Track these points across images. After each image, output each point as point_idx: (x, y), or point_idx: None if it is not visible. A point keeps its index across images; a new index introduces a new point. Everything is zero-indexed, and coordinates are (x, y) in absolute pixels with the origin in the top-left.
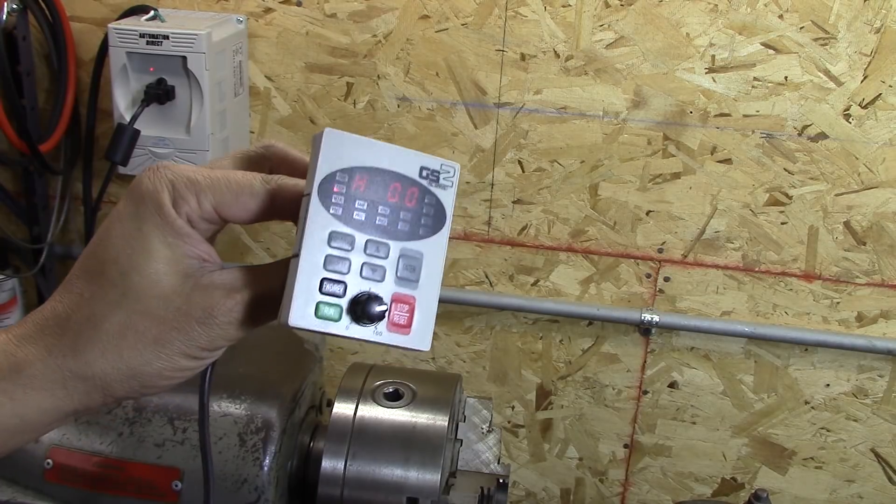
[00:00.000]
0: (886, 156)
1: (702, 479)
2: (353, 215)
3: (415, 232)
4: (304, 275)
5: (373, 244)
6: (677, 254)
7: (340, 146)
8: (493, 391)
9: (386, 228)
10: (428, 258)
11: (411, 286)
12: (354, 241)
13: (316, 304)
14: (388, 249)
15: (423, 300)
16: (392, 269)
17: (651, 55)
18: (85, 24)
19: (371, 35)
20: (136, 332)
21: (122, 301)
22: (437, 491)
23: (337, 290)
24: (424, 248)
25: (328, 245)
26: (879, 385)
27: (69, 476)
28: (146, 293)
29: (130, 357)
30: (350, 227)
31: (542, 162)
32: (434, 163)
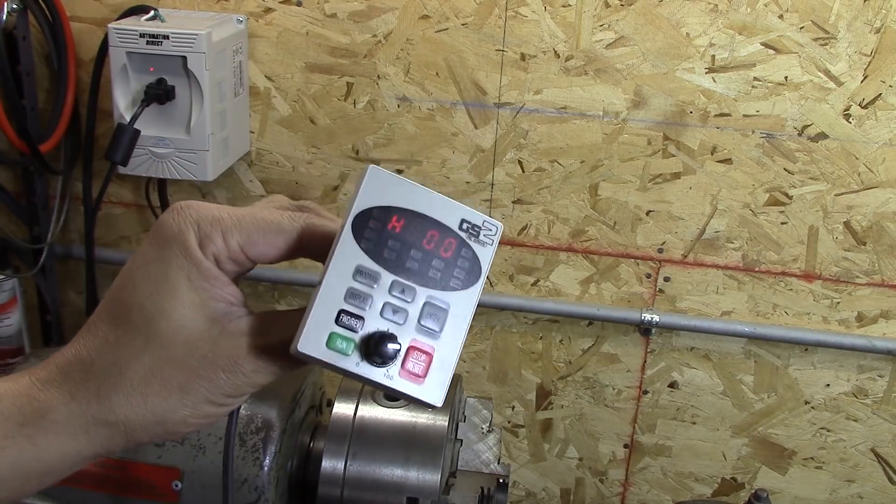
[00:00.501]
0: (886, 156)
1: (702, 479)
2: (383, 253)
3: (445, 282)
4: (322, 303)
5: (399, 285)
6: (677, 254)
7: (383, 184)
8: (493, 391)
9: (415, 272)
10: (455, 311)
11: (433, 336)
12: (380, 278)
13: (329, 335)
14: (415, 294)
15: (442, 353)
16: (415, 314)
17: (651, 55)
18: (85, 24)
19: (371, 35)
20: (161, 380)
21: (147, 347)
22: (437, 491)
23: (353, 325)
24: (452, 301)
25: (352, 278)
26: (879, 385)
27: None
28: (172, 340)
29: (155, 404)
30: (378, 264)
31: (542, 162)
32: (476, 218)
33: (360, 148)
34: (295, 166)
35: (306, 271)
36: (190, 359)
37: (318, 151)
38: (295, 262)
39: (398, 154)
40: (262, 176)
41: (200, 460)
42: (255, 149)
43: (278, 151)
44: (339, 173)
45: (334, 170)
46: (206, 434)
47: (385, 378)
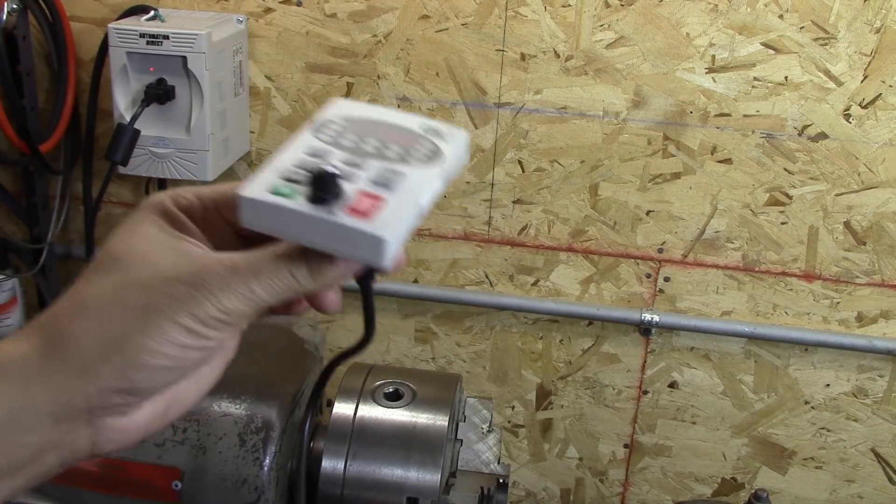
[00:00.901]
0: (886, 156)
1: (702, 479)
2: (340, 141)
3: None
4: (272, 169)
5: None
6: (677, 254)
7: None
8: (493, 391)
9: (370, 153)
10: (412, 181)
11: (383, 190)
12: (332, 153)
13: (273, 185)
14: (367, 164)
15: (395, 204)
16: (367, 175)
17: (651, 55)
18: (85, 24)
19: (371, 35)
20: (121, 303)
21: (109, 277)
22: (437, 491)
23: (300, 179)
24: (410, 172)
25: (302, 155)
26: (879, 385)
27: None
28: (135, 265)
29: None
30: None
31: (542, 162)
32: (439, 125)
33: None
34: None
35: None
36: (152, 278)
37: None
38: None
39: None
40: None
41: (200, 460)
42: (255, 149)
43: None
44: None
45: None
46: (207, 434)
47: (327, 214)
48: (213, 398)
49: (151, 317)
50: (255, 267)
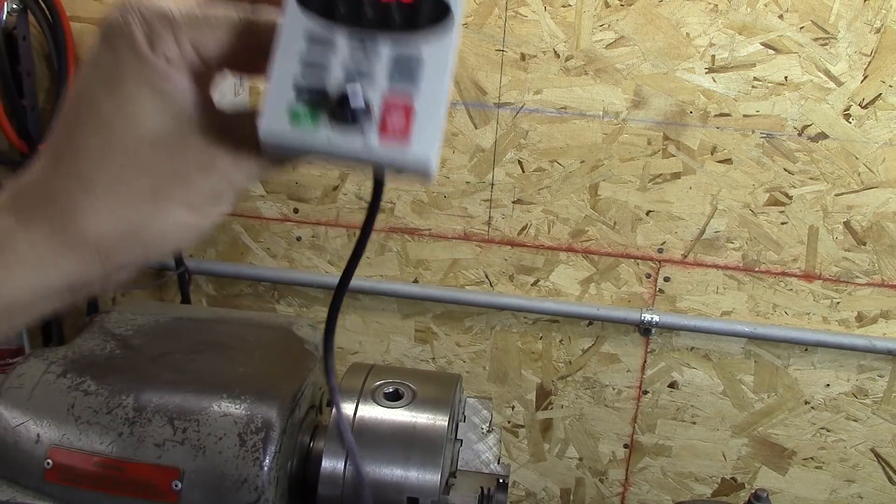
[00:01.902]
0: (886, 156)
1: (702, 479)
2: (333, 10)
3: (412, 24)
4: (277, 81)
5: (358, 38)
6: (677, 254)
7: None
8: (493, 391)
9: (374, 20)
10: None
11: (409, 88)
12: (336, 37)
13: (291, 112)
14: (377, 46)
15: (425, 105)
16: (383, 68)
17: (651, 55)
18: (85, 24)
19: None
20: (129, 185)
21: (108, 151)
22: (437, 491)
23: (315, 95)
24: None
25: (304, 47)
26: (879, 385)
27: (69, 476)
28: (135, 141)
29: (126, 213)
30: (330, 23)
31: (542, 162)
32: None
33: None
34: (294, 166)
35: (307, 272)
36: (158, 159)
37: None
38: (295, 262)
39: None
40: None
41: (200, 460)
42: None
43: None
44: (339, 173)
45: (334, 170)
46: (207, 434)
47: (364, 149)
48: (213, 398)
49: (163, 202)
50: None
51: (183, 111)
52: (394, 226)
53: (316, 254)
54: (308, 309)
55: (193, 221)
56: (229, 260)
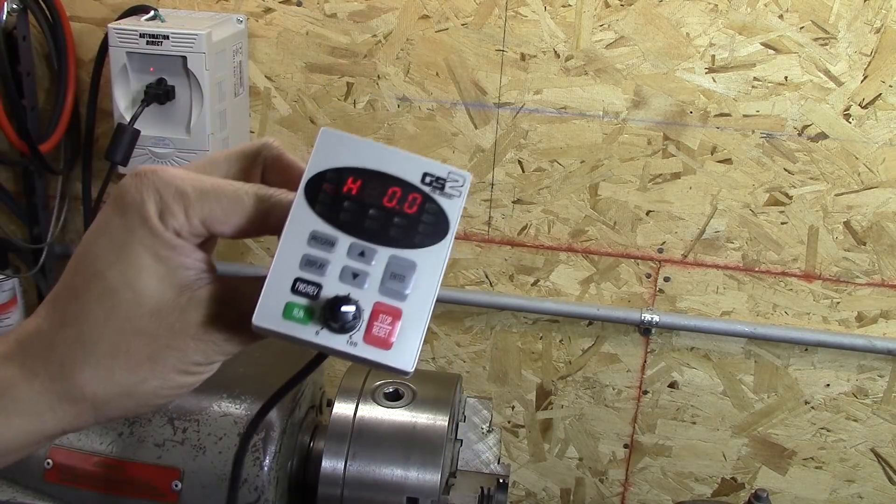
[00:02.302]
0: (886, 156)
1: (702, 479)
2: (339, 216)
3: (410, 239)
4: (277, 273)
5: (357, 247)
6: (677, 254)
7: (337, 146)
8: (493, 391)
9: (376, 232)
10: (423, 269)
11: (399, 297)
12: (337, 241)
13: (285, 305)
14: (375, 255)
15: (410, 315)
16: (378, 276)
17: (651, 55)
18: (85, 24)
19: (371, 35)
20: (128, 352)
21: (111, 318)
22: (437, 491)
23: (310, 291)
24: (419, 259)
25: (307, 244)
26: (879, 385)
27: (69, 476)
28: (138, 310)
29: (123, 377)
30: (334, 227)
31: (542, 162)
32: (440, 170)
33: None
34: None
35: None
36: (158, 329)
37: None
38: None
39: None
40: None
41: (200, 460)
42: None
43: None
44: None
45: None
46: (207, 434)
47: (348, 346)
48: (213, 398)
49: (159, 368)
50: None
51: (186, 285)
52: None
53: None
54: None
55: (184, 381)
56: (229, 260)
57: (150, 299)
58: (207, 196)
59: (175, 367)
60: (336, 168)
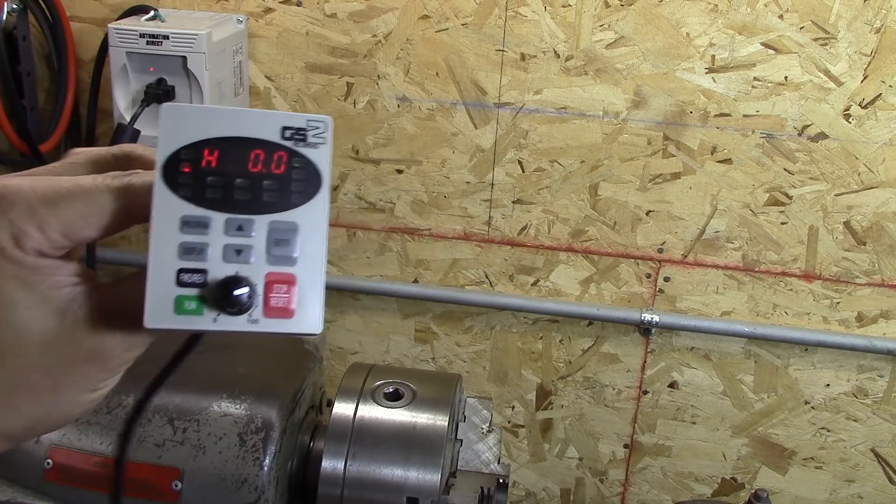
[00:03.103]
0: (886, 156)
1: (702, 479)
2: (205, 194)
3: (285, 201)
4: (157, 270)
5: (233, 222)
6: (677, 254)
7: (183, 120)
8: (493, 391)
9: (248, 203)
10: (305, 228)
11: (288, 263)
12: (210, 222)
13: (174, 300)
14: (254, 225)
15: (305, 276)
16: (261, 246)
17: (651, 55)
18: (85, 24)
19: (371, 35)
20: (27, 388)
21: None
22: (437, 491)
23: (196, 280)
24: (299, 218)
25: (180, 232)
26: (879, 385)
27: (69, 476)
28: (24, 346)
29: (30, 410)
30: (203, 208)
31: (542, 162)
32: (298, 120)
33: (360, 148)
34: None
35: None
36: (51, 361)
37: None
38: None
39: (398, 154)
40: None
41: (200, 460)
42: None
43: None
44: (339, 173)
45: (334, 170)
46: (207, 434)
47: (250, 325)
48: (213, 398)
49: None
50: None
51: (64, 307)
52: (394, 226)
53: None
54: None
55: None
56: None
57: (33, 333)
58: (59, 203)
59: (80, 389)
60: (189, 144)
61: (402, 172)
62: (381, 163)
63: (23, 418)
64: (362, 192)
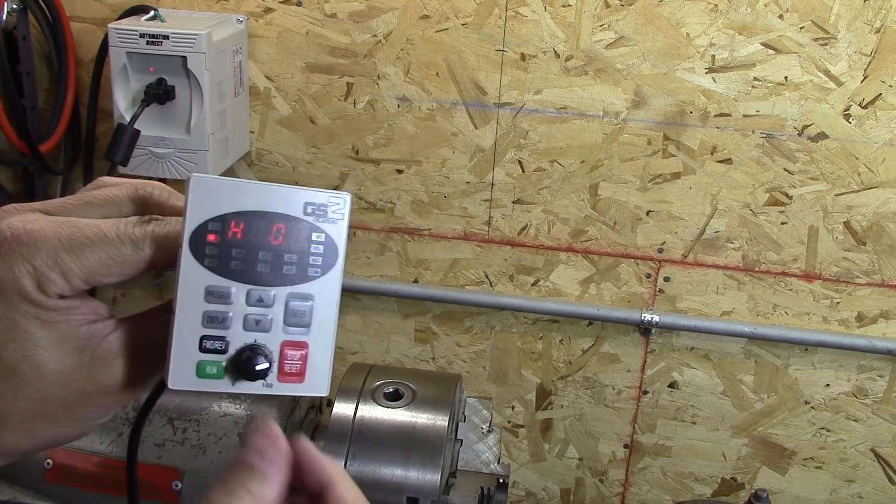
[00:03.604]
0: (886, 156)
1: (702, 479)
2: (230, 265)
3: (303, 274)
4: (182, 336)
5: (255, 294)
6: (677, 254)
7: (211, 192)
8: (493, 391)
9: (269, 275)
10: (320, 298)
11: (302, 332)
12: (233, 293)
13: (196, 365)
14: (273, 297)
15: (316, 343)
16: (279, 316)
17: (651, 55)
18: (85, 24)
19: (371, 35)
20: (44, 418)
21: (19, 394)
22: (437, 491)
23: (218, 347)
24: (315, 290)
25: (205, 301)
26: (879, 385)
27: (69, 476)
28: (43, 381)
29: (44, 433)
30: (227, 279)
31: (542, 162)
32: (320, 197)
33: (360, 148)
34: (295, 166)
35: None
36: (69, 394)
37: (318, 151)
38: None
39: (398, 154)
40: (262, 176)
41: (200, 460)
42: (255, 149)
43: (278, 151)
44: (339, 173)
45: (334, 170)
46: (207, 434)
47: (265, 388)
48: (213, 398)
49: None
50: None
51: (83, 345)
52: (394, 226)
53: None
54: None
55: (103, 421)
56: None
57: (52, 371)
58: (83, 252)
59: (93, 417)
60: (216, 216)
61: (402, 172)
62: (381, 163)
63: (36, 440)
64: (362, 192)
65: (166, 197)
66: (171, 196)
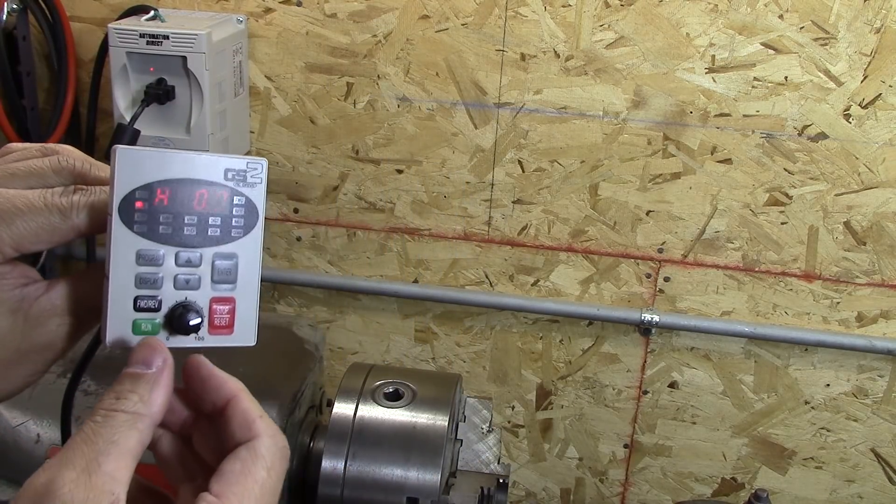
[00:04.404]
0: (886, 156)
1: (702, 479)
2: (159, 230)
3: (227, 234)
4: (116, 296)
5: (183, 255)
6: (677, 254)
7: (136, 163)
8: (493, 391)
9: (195, 238)
10: (243, 257)
11: (228, 288)
12: (164, 256)
13: (132, 322)
14: (200, 258)
15: (242, 298)
16: (207, 275)
17: (651, 55)
18: (85, 24)
19: (371, 35)
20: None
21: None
22: (437, 491)
23: (151, 305)
24: (238, 249)
25: (136, 264)
26: (879, 385)
27: None
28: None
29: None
30: (157, 243)
31: (542, 162)
32: (239, 163)
33: (360, 148)
34: (295, 166)
35: (307, 272)
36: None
37: (318, 151)
38: (295, 262)
39: (398, 154)
40: None
41: None
42: (255, 149)
43: (278, 151)
44: (338, 173)
45: (334, 170)
46: None
47: (197, 341)
48: None
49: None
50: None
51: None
52: (394, 226)
53: (316, 254)
54: (308, 309)
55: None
56: None
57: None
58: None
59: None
60: (143, 185)
61: (402, 172)
62: (381, 163)
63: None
64: (362, 192)
65: (88, 168)
66: (91, 167)
